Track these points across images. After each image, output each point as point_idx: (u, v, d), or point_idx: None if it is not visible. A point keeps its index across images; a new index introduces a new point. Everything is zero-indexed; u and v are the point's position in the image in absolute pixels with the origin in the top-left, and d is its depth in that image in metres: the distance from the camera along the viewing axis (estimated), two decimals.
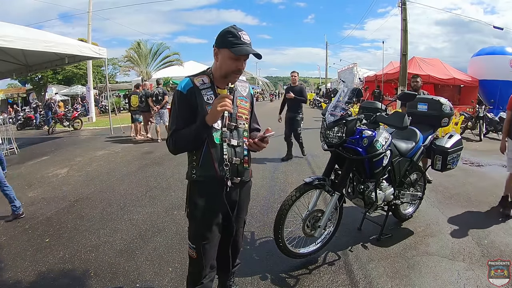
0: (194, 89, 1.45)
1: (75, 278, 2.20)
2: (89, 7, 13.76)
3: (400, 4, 10.85)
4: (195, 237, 1.53)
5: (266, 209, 3.35)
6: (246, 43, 1.37)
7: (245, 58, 1.43)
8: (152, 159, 5.99)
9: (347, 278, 2.17)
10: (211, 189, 1.49)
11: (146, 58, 19.10)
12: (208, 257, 1.54)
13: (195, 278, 1.56)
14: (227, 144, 1.46)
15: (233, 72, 1.42)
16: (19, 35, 6.18)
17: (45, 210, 3.49)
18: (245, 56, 1.41)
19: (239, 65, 1.40)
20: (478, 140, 7.85)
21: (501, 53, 11.79)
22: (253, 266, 2.30)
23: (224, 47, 1.38)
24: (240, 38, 1.36)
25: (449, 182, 4.24)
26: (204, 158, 1.46)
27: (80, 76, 24.65)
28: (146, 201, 3.73)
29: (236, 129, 1.50)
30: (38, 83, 23.64)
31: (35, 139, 9.49)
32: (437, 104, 2.98)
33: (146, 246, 2.62)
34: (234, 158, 1.49)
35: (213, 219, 1.51)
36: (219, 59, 1.43)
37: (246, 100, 1.59)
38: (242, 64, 1.41)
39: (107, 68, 12.06)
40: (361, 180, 2.44)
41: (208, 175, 1.47)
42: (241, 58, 1.40)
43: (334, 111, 2.27)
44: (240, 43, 1.36)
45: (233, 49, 1.35)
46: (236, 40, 1.36)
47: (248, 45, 1.38)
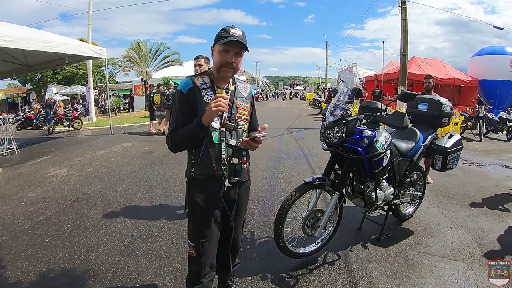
0: (194, 89, 1.46)
1: (75, 278, 2.20)
2: (89, 7, 13.77)
3: (400, 4, 10.85)
4: (194, 235, 1.54)
5: (266, 209, 3.35)
6: (235, 36, 1.39)
7: (235, 51, 1.43)
8: (152, 159, 5.98)
9: (347, 278, 2.17)
10: (209, 188, 1.50)
11: (146, 58, 19.12)
12: (207, 255, 1.54)
13: (195, 277, 1.56)
14: (226, 144, 1.47)
15: (222, 65, 1.43)
16: (19, 35, 6.17)
17: (45, 210, 3.49)
18: (234, 49, 1.42)
19: (228, 57, 1.42)
20: (478, 140, 7.82)
21: (501, 53, 11.80)
22: (253, 266, 2.30)
23: (216, 43, 1.45)
24: (229, 32, 1.40)
25: (449, 182, 4.24)
26: (203, 157, 1.47)
27: (80, 76, 24.66)
28: (146, 201, 3.73)
29: (235, 130, 1.52)
30: (38, 83, 23.65)
31: (35, 139, 9.48)
32: (437, 104, 2.98)
33: (146, 246, 2.62)
34: (232, 158, 1.50)
35: (212, 217, 1.52)
36: (213, 55, 1.48)
37: (246, 101, 1.60)
38: (232, 57, 1.42)
39: (107, 68, 12.04)
40: (361, 180, 2.44)
41: (206, 173, 1.49)
42: (230, 51, 1.41)
43: (334, 111, 2.27)
44: (228, 36, 1.39)
45: (220, 41, 1.41)
46: (226, 34, 1.40)
47: (236, 37, 1.39)
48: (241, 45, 1.42)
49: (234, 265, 1.84)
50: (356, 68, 19.09)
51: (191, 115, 1.45)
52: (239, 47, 1.42)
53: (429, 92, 4.15)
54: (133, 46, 18.94)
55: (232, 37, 1.38)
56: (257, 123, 1.74)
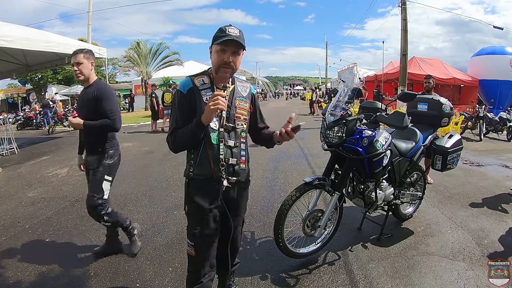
0: (194, 89, 1.46)
1: (75, 278, 2.19)
2: (89, 7, 13.77)
3: (400, 4, 10.85)
4: (193, 235, 1.53)
5: (266, 209, 3.35)
6: (231, 35, 1.38)
7: (232, 50, 1.41)
8: (152, 159, 5.98)
9: (347, 278, 2.17)
10: (208, 188, 1.50)
11: (146, 58, 19.11)
12: (206, 255, 1.54)
13: (195, 277, 1.56)
14: (224, 144, 1.47)
15: (220, 65, 1.42)
16: (19, 35, 6.17)
17: (45, 210, 3.49)
18: (230, 48, 1.40)
19: (225, 57, 1.40)
20: (478, 140, 7.82)
21: (501, 53, 11.80)
22: (253, 266, 2.30)
23: (213, 44, 1.44)
24: (226, 31, 1.39)
25: (449, 182, 4.24)
26: (201, 157, 1.48)
27: None
28: (146, 201, 3.73)
29: (234, 130, 1.51)
30: (38, 83, 23.62)
31: (35, 139, 9.48)
32: (437, 104, 2.98)
33: (146, 246, 2.62)
34: (231, 159, 1.49)
35: (211, 217, 1.52)
36: (211, 56, 1.47)
37: (245, 100, 1.58)
38: (229, 57, 1.41)
39: (107, 68, 12.06)
40: (361, 180, 2.44)
41: (204, 174, 1.49)
42: (227, 50, 1.40)
43: (334, 111, 2.27)
44: (224, 35, 1.38)
45: (216, 41, 1.40)
46: (222, 34, 1.39)
47: (232, 36, 1.38)
48: (238, 44, 1.40)
49: (234, 265, 1.84)
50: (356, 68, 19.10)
51: (191, 115, 1.45)
52: (236, 46, 1.41)
53: (429, 92, 4.15)
54: (133, 46, 18.93)
55: (228, 36, 1.37)
56: (262, 120, 1.72)
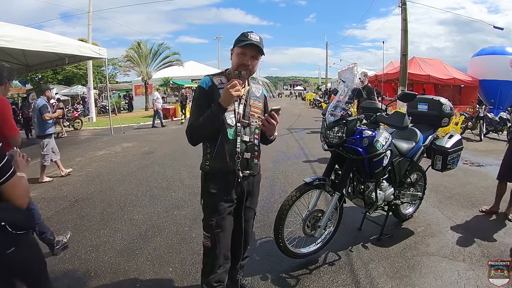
0: (213, 86, 1.58)
1: (75, 278, 2.20)
2: (89, 7, 13.76)
3: (400, 4, 10.84)
4: (209, 226, 1.61)
5: (266, 209, 3.35)
6: (252, 40, 1.53)
7: (251, 54, 1.55)
8: (152, 159, 5.98)
9: (347, 278, 2.17)
10: (223, 180, 1.60)
11: (146, 58, 19.12)
12: (222, 245, 1.62)
13: (210, 269, 1.63)
14: (240, 139, 1.58)
15: (239, 66, 1.56)
16: (20, 35, 6.18)
17: (45, 210, 3.49)
18: (250, 52, 1.54)
19: (245, 60, 1.55)
20: (478, 140, 7.83)
21: (501, 53, 11.78)
22: (253, 266, 2.30)
23: (234, 46, 1.58)
24: (248, 36, 1.54)
25: (449, 182, 4.24)
26: (218, 151, 1.57)
27: (80, 76, 24.69)
28: (146, 201, 3.73)
29: (249, 126, 1.62)
30: (38, 83, 23.67)
31: (35, 139, 9.46)
32: (437, 104, 2.97)
33: (146, 246, 2.62)
34: (245, 153, 1.60)
35: (226, 208, 1.61)
36: (232, 57, 1.61)
37: (259, 100, 1.71)
38: (248, 60, 1.55)
39: (107, 68, 12.03)
40: (361, 180, 2.44)
41: (220, 167, 1.58)
42: (247, 53, 1.54)
43: (334, 111, 2.27)
44: (246, 40, 1.53)
45: (238, 44, 1.55)
46: (244, 38, 1.54)
47: (253, 41, 1.52)
48: (258, 49, 1.55)
49: (244, 258, 1.90)
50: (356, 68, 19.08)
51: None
52: (256, 50, 1.55)
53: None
54: (133, 46, 18.94)
55: (249, 41, 1.52)
56: None
